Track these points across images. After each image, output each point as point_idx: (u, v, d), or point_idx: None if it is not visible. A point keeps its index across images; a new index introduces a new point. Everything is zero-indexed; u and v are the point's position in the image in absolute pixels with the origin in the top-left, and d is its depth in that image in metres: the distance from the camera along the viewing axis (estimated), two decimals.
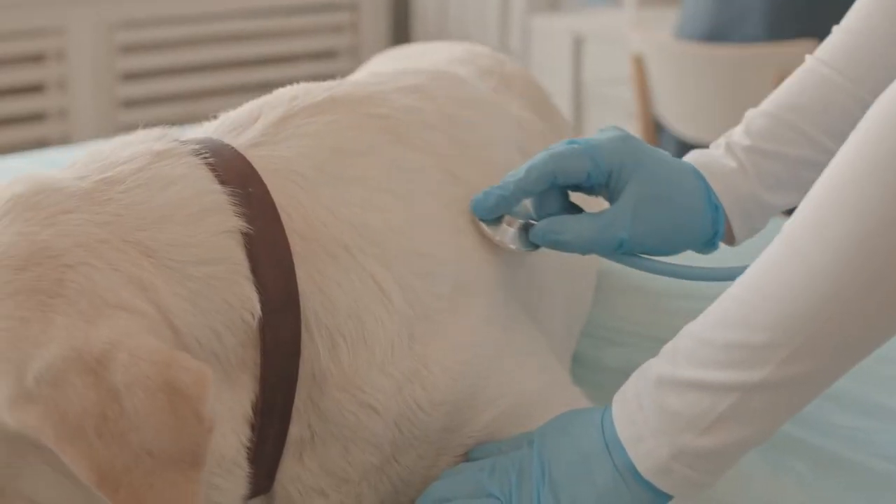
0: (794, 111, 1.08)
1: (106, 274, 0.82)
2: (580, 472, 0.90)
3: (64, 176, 0.89)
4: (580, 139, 1.03)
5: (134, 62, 4.00)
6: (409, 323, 0.93)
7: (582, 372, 1.08)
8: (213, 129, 0.99)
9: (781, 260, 0.84)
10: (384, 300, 0.92)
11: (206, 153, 0.92)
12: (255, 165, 0.92)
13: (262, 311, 0.87)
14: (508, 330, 1.00)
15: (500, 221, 1.00)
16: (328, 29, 4.43)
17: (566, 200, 1.04)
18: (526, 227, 1.01)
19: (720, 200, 1.05)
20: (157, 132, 0.95)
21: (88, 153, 0.93)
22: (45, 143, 3.78)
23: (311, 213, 0.92)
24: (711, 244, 1.06)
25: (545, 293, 1.09)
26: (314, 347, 0.90)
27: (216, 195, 0.89)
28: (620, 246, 1.01)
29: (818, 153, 1.07)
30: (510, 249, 1.01)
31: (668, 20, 3.42)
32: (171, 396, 0.78)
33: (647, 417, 0.88)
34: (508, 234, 1.00)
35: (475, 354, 0.96)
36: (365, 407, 0.92)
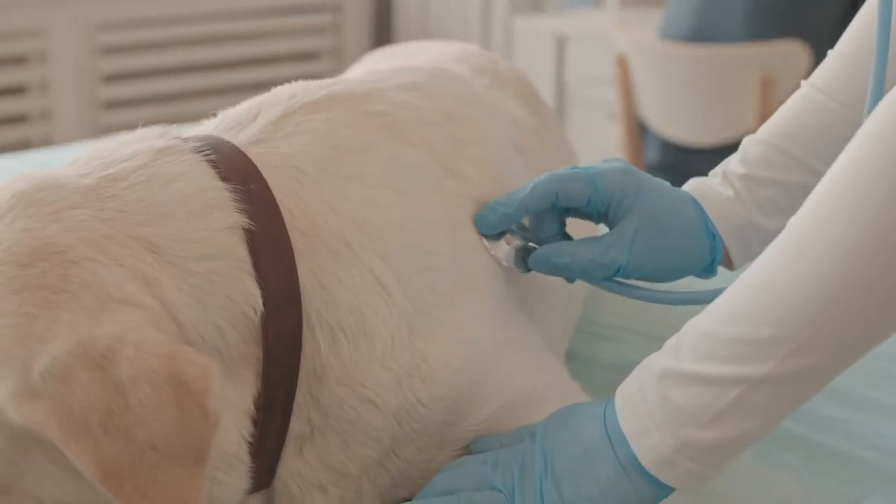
0: (788, 138, 1.10)
1: (110, 269, 0.82)
2: (583, 465, 0.91)
3: (66, 173, 0.90)
4: (583, 166, 1.06)
5: (116, 64, 3.99)
6: (408, 317, 0.94)
7: (576, 367, 1.09)
8: (212, 126, 0.99)
9: (786, 256, 0.85)
10: (384, 295, 0.93)
11: (207, 150, 0.92)
12: (255, 162, 0.92)
13: (264, 306, 0.88)
14: (506, 325, 1.01)
15: (500, 237, 1.03)
16: (310, 30, 4.43)
17: (563, 226, 1.06)
18: (525, 248, 1.04)
19: (717, 228, 1.08)
20: (157, 130, 0.96)
21: (89, 151, 0.94)
22: (27, 144, 3.77)
23: (311, 209, 0.92)
24: (710, 271, 1.09)
25: (541, 289, 1.10)
26: (315, 342, 0.91)
27: (218, 192, 0.89)
28: (618, 271, 1.03)
29: (814, 179, 1.08)
30: (503, 266, 1.03)
31: (650, 21, 3.44)
32: (176, 390, 0.78)
33: (650, 411, 0.89)
34: (505, 251, 1.03)
35: (474, 349, 0.97)
36: (365, 401, 0.92)
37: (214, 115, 1.02)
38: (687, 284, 1.12)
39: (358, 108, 1.01)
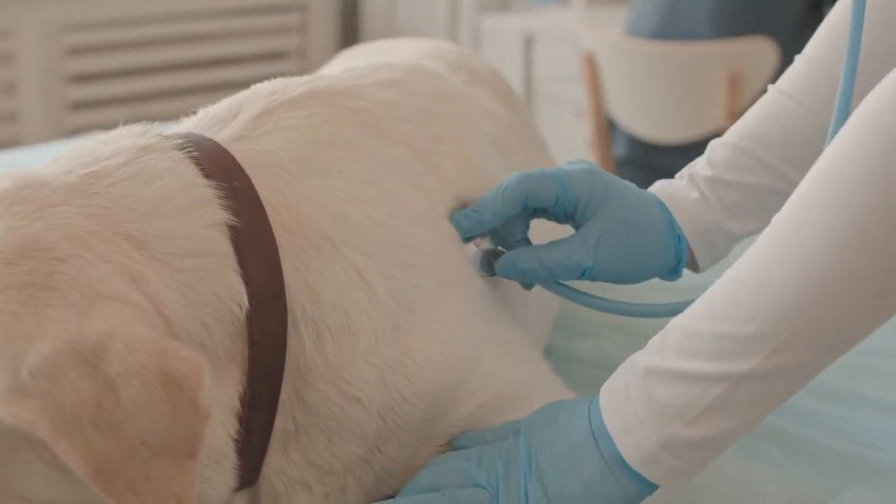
0: (755, 141, 1.10)
1: (97, 266, 0.82)
2: (568, 462, 0.91)
3: (49, 171, 0.89)
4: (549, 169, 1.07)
5: (83, 64, 3.98)
6: (392, 313, 0.94)
7: (555, 363, 1.09)
8: (193, 124, 0.99)
9: (770, 254, 0.86)
10: (368, 291, 0.93)
11: (190, 147, 0.92)
12: (237, 159, 0.92)
13: (249, 303, 0.88)
14: (488, 321, 1.02)
15: (469, 240, 1.04)
16: (277, 30, 4.42)
17: (527, 230, 1.07)
18: (493, 252, 1.05)
19: (683, 230, 1.08)
20: (138, 128, 0.95)
21: (70, 150, 0.93)
22: None
23: (294, 205, 0.92)
24: (675, 273, 1.10)
25: (517, 285, 1.10)
26: (300, 339, 0.91)
27: (202, 189, 0.89)
28: (584, 273, 1.04)
29: (780, 182, 1.10)
30: None
31: (616, 19, 3.45)
32: (167, 386, 0.78)
33: (635, 408, 0.89)
34: (472, 253, 1.04)
35: (457, 346, 0.97)
36: (349, 398, 0.92)
37: (194, 112, 1.02)
38: (651, 286, 1.14)
39: (337, 104, 1.01)
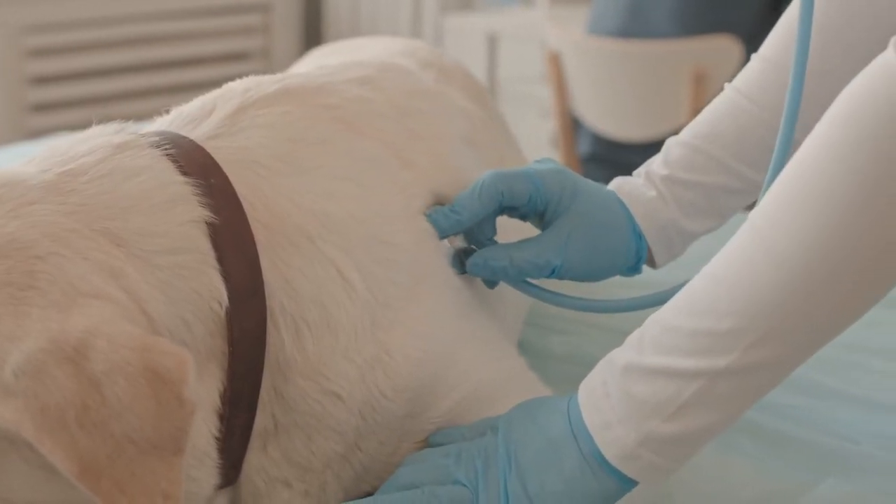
0: (710, 140, 1.11)
1: (76, 263, 0.81)
2: (547, 459, 0.91)
3: (24, 170, 0.89)
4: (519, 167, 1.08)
5: (44, 66, 3.95)
6: (371, 310, 0.94)
7: (530, 360, 1.09)
8: (167, 122, 0.99)
9: (747, 248, 0.86)
10: (347, 288, 0.93)
11: (166, 145, 0.91)
12: (214, 157, 0.92)
13: (228, 300, 0.87)
14: (465, 316, 1.02)
15: (443, 238, 1.04)
16: (240, 31, 4.41)
17: (494, 229, 1.07)
18: (465, 250, 1.05)
19: (641, 228, 1.10)
20: (113, 126, 0.95)
21: (45, 149, 0.92)
22: None
23: (272, 202, 0.92)
24: (635, 269, 1.11)
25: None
26: (279, 336, 0.91)
27: (180, 186, 0.89)
28: (553, 272, 1.05)
29: (735, 180, 1.11)
30: None
31: (580, 18, 3.46)
32: (152, 381, 0.77)
33: (613, 405, 0.89)
34: (446, 250, 1.04)
35: (436, 342, 0.97)
36: (329, 394, 0.92)
37: (167, 111, 1.02)
38: (612, 283, 1.15)
39: (312, 101, 1.01)
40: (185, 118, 0.98)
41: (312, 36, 4.59)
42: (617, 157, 2.93)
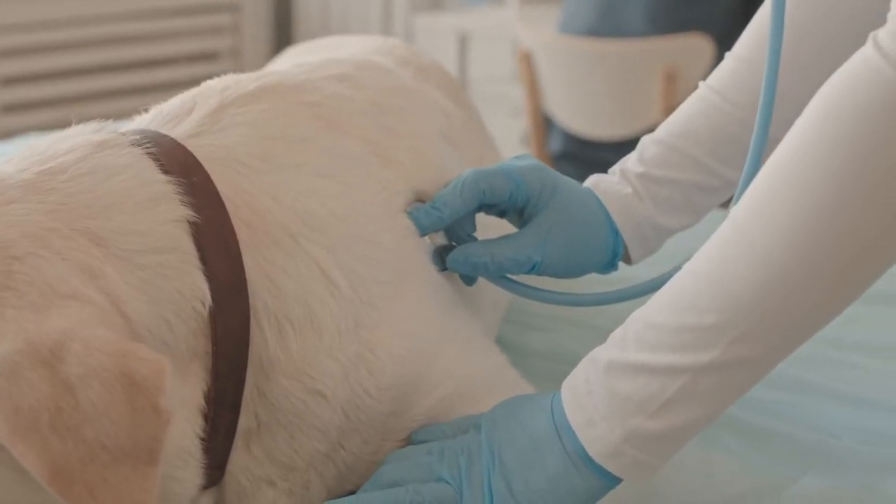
0: (684, 137, 1.12)
1: (54, 263, 0.80)
2: (531, 457, 0.91)
3: (1, 169, 0.88)
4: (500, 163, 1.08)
5: (14, 66, 3.92)
6: (354, 308, 0.93)
7: (510, 357, 1.09)
8: (147, 121, 0.98)
9: (729, 245, 0.86)
10: (330, 286, 0.92)
11: (147, 143, 0.91)
12: (195, 155, 0.92)
13: (212, 299, 0.87)
14: (447, 314, 1.02)
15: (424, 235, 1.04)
16: (209, 31, 4.39)
17: (474, 226, 1.07)
18: (445, 247, 1.05)
19: (617, 224, 1.10)
20: (93, 125, 0.94)
21: (23, 149, 0.92)
22: None
23: (254, 200, 0.92)
24: (611, 266, 1.12)
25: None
26: (262, 335, 0.90)
27: (161, 185, 0.88)
28: (533, 268, 1.05)
29: (709, 178, 1.11)
30: None
31: (551, 17, 3.46)
32: (127, 388, 0.76)
33: (596, 402, 0.89)
34: (426, 247, 1.04)
35: (419, 340, 0.97)
36: (313, 393, 0.92)
37: (146, 110, 1.01)
38: (589, 279, 1.16)
39: (291, 98, 1.00)
40: (165, 117, 0.97)
41: (283, 36, 4.58)
42: (588, 154, 2.94)
